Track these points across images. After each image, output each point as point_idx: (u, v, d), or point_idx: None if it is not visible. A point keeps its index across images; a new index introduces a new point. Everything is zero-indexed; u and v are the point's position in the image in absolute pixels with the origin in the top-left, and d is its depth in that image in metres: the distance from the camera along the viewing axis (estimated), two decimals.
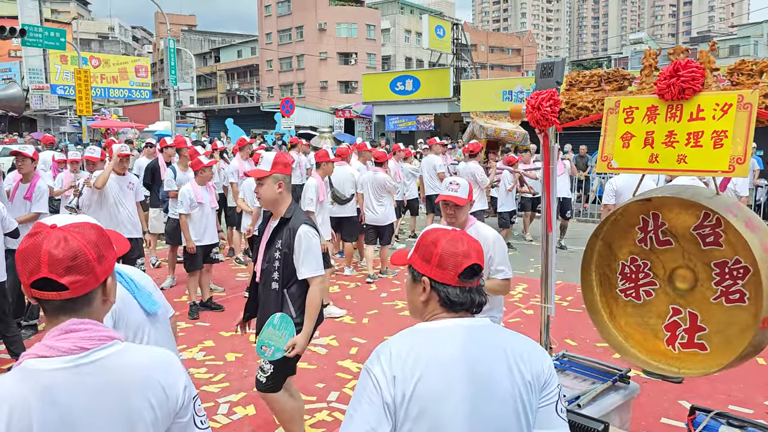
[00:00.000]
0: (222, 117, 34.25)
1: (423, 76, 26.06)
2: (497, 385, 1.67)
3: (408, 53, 59.01)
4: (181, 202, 6.92)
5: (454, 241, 1.82)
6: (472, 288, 1.81)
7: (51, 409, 1.39)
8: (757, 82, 2.72)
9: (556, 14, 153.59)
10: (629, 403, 3.46)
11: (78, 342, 1.45)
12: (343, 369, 5.48)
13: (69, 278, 1.45)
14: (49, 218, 1.55)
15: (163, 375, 1.54)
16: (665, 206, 3.05)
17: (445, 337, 1.74)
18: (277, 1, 57.59)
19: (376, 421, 1.64)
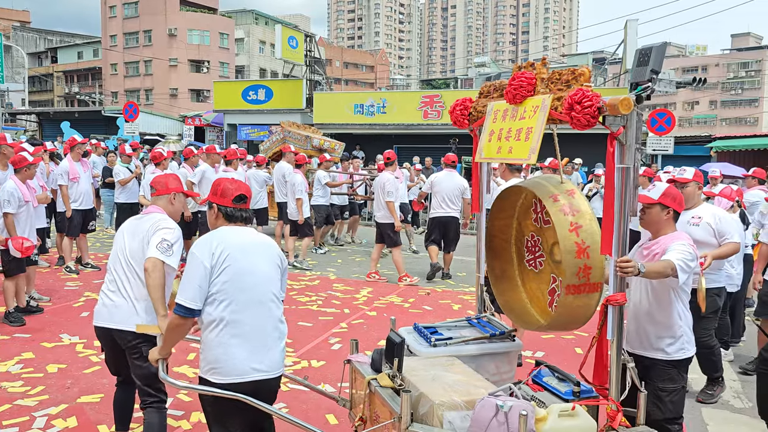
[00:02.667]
0: (58, 120, 31.70)
1: (276, 86, 25.87)
2: (264, 252, 3.12)
3: (262, 64, 58.44)
4: (7, 201, 6.33)
5: (230, 182, 3.21)
6: (241, 209, 3.15)
7: None
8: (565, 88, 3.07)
9: (408, 35, 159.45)
10: (510, 357, 3.69)
11: None
12: (179, 375, 5.23)
13: None
14: None
15: None
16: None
17: (232, 232, 3.10)
18: (124, 3, 54.66)
19: (202, 278, 2.91)
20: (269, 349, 3.01)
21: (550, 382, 3.16)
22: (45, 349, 5.78)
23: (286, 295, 3.34)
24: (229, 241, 3.00)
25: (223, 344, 2.92)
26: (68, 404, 4.60)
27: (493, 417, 2.64)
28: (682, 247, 3.31)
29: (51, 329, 6.36)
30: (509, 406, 2.65)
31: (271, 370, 3.00)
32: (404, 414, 2.74)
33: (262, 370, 2.97)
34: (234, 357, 2.92)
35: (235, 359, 2.92)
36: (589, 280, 3.07)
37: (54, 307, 7.23)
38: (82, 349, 5.80)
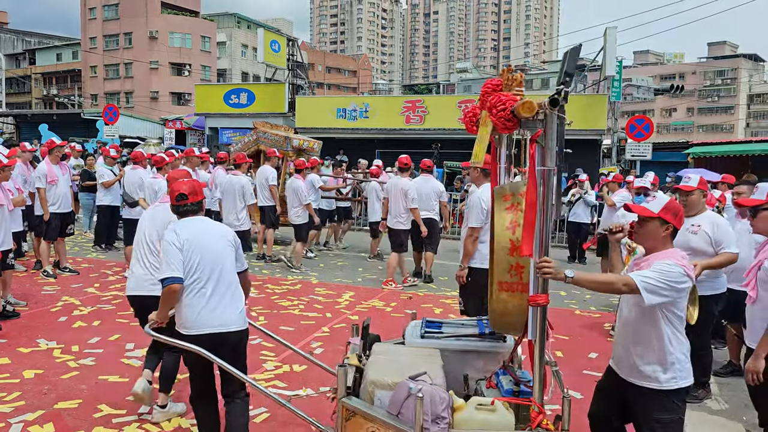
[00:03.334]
0: (36, 123, 31.30)
1: (258, 90, 25.77)
2: (218, 235, 3.85)
3: (244, 68, 58.21)
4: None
5: (178, 183, 3.91)
6: (186, 204, 3.83)
7: None
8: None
9: (390, 40, 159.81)
10: (499, 356, 3.64)
11: None
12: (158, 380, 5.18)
13: None
14: None
15: None
16: None
17: (192, 222, 3.83)
18: (104, 5, 54.15)
19: (178, 260, 3.62)
20: (226, 308, 3.71)
21: (503, 380, 3.27)
22: (21, 354, 5.69)
23: (267, 300, 3.49)
24: (187, 229, 3.75)
25: (189, 305, 3.68)
26: (45, 410, 4.53)
27: (406, 398, 2.92)
28: (661, 266, 3.05)
29: (27, 334, 6.26)
30: (418, 389, 2.89)
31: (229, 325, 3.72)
32: (339, 386, 3.18)
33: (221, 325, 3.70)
34: (197, 314, 3.68)
35: (198, 316, 3.68)
36: (521, 279, 3.08)
37: (31, 311, 7.13)
38: (59, 354, 5.72)
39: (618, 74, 19.78)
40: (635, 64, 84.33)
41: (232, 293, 3.77)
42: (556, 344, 6.56)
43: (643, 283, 2.99)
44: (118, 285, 8.52)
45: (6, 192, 6.61)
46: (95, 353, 5.78)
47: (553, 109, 2.77)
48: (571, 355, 6.24)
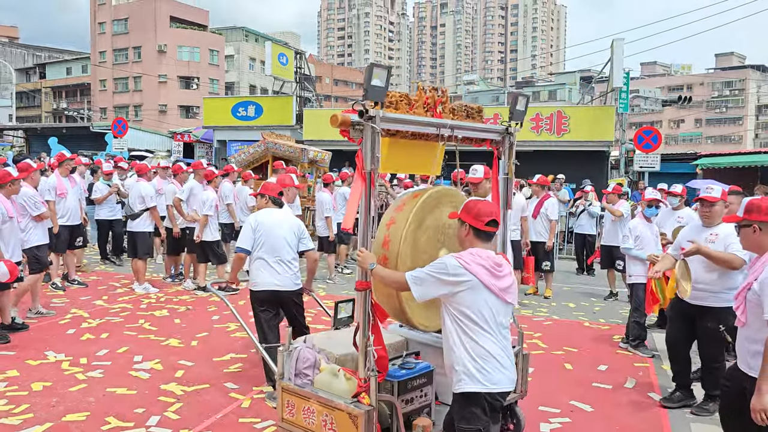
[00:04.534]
0: (45, 136, 31.56)
1: (266, 102, 25.89)
2: (285, 223, 5.21)
3: (252, 81, 58.52)
4: None
5: (277, 185, 5.46)
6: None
7: None
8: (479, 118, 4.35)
9: (397, 53, 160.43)
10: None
11: None
12: (167, 393, 5.18)
13: None
14: None
15: None
16: None
17: (270, 212, 5.22)
18: (113, 19, 54.66)
19: (250, 239, 5.12)
20: (279, 274, 5.14)
21: (395, 363, 3.86)
22: (30, 366, 5.70)
23: None
24: (264, 217, 5.18)
25: (256, 269, 5.16)
26: (53, 422, 4.53)
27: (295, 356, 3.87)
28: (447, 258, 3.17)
29: (36, 346, 6.27)
30: (295, 348, 3.89)
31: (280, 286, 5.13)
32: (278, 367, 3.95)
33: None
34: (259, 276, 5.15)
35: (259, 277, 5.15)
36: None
37: (39, 324, 7.15)
38: (68, 366, 5.73)
39: (625, 85, 19.74)
40: (642, 76, 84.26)
41: (286, 264, 5.12)
42: (566, 357, 6.51)
43: (411, 276, 3.16)
44: (126, 297, 8.55)
45: (16, 205, 6.65)
46: (103, 365, 5.79)
47: (366, 122, 3.32)
48: (580, 368, 6.19)
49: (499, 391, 3.12)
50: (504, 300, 3.17)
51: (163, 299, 8.64)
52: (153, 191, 9.19)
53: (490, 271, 3.13)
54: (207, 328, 7.20)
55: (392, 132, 3.66)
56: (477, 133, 4.19)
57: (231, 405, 4.99)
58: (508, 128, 4.28)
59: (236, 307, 5.28)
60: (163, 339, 6.68)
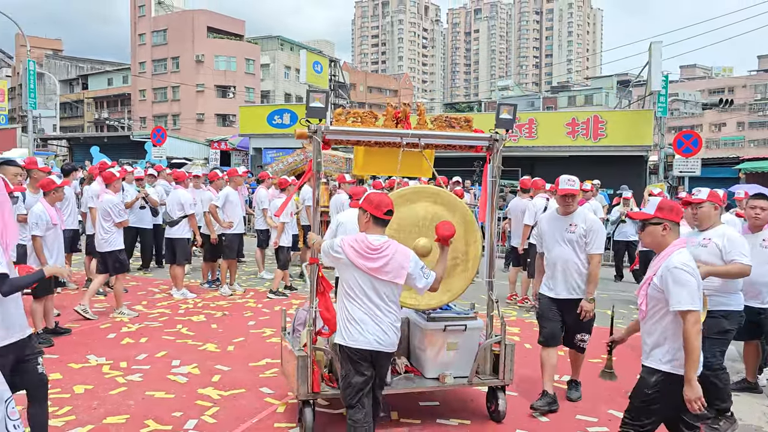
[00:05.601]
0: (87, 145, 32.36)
1: (300, 110, 26.09)
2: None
3: (287, 89, 59.19)
4: (36, 223, 6.53)
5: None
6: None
7: None
8: (458, 126, 4.96)
9: (431, 59, 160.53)
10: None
11: None
12: (204, 397, 5.25)
13: None
14: None
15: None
16: None
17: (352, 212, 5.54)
18: (153, 31, 55.93)
19: (333, 233, 5.85)
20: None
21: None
22: (72, 370, 5.84)
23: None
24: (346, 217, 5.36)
25: None
26: (94, 425, 4.63)
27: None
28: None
29: (78, 350, 6.43)
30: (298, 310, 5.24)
31: None
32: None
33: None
34: None
35: None
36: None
37: (81, 328, 7.32)
38: (108, 370, 5.85)
39: (664, 89, 19.38)
40: (682, 79, 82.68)
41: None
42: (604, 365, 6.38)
43: (323, 247, 3.99)
44: (165, 303, 8.69)
45: (59, 212, 6.85)
46: (142, 369, 5.90)
47: (312, 134, 4.46)
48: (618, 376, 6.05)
49: (355, 347, 3.82)
50: (374, 277, 3.80)
51: (200, 304, 8.77)
52: (191, 198, 9.35)
53: (359, 253, 3.80)
54: (243, 333, 7.28)
55: (363, 142, 4.88)
56: (451, 140, 4.94)
57: (266, 410, 5.03)
58: (492, 135, 4.86)
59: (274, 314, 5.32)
60: (201, 344, 6.78)
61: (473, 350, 4.81)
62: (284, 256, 9.51)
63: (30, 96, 22.14)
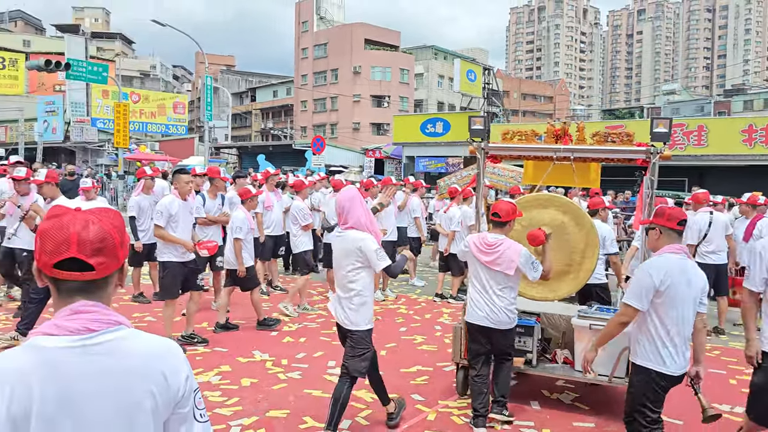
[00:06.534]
0: (254, 154, 34.83)
1: (453, 119, 26.28)
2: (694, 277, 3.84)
3: (440, 97, 59.71)
4: (239, 227, 7.31)
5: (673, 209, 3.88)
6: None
7: (53, 384, 1.40)
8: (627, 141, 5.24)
9: (589, 64, 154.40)
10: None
11: (86, 323, 1.46)
12: (357, 398, 5.41)
13: (96, 259, 1.47)
14: (69, 201, 1.60)
15: (165, 363, 1.53)
16: None
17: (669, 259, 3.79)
18: (314, 44, 58.97)
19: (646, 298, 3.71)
20: None
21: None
22: (240, 363, 6.29)
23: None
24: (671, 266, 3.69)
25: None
26: (259, 417, 4.94)
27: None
28: None
29: (245, 346, 6.90)
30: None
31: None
32: None
33: None
34: None
35: None
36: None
37: (248, 325, 7.86)
38: (271, 366, 6.23)
39: None
40: None
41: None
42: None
43: None
44: (322, 305, 9.07)
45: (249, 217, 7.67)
46: (301, 368, 6.21)
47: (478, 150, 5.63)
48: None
49: (470, 322, 4.87)
50: (489, 268, 4.73)
51: None
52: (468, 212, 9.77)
53: (478, 248, 4.77)
54: (395, 339, 7.43)
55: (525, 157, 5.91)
56: (606, 154, 5.40)
57: (417, 417, 5.08)
58: (649, 148, 5.10)
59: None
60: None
61: (616, 350, 4.70)
62: (457, 262, 9.58)
63: (207, 108, 24.21)
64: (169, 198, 6.73)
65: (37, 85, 48.94)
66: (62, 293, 1.50)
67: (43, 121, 39.21)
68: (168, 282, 6.62)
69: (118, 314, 1.53)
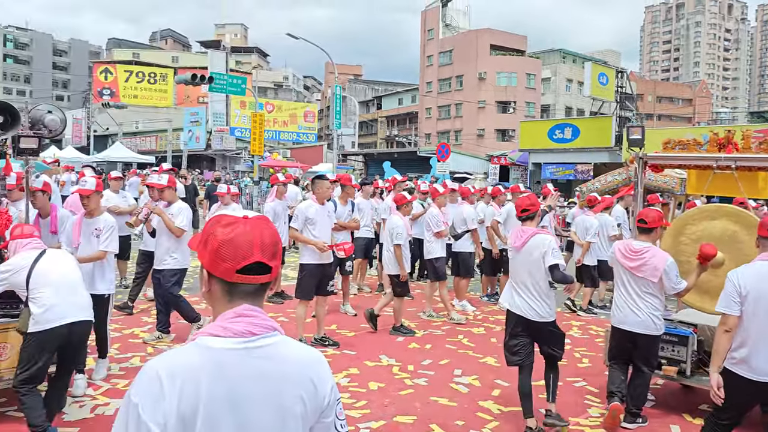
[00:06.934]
0: (380, 161, 35.54)
1: (583, 124, 25.40)
2: None
3: (568, 102, 57.90)
4: (399, 233, 7.61)
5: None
6: None
7: (220, 384, 1.46)
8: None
9: (735, 63, 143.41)
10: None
11: (248, 326, 1.52)
12: (484, 409, 5.36)
13: (274, 262, 1.57)
14: (233, 211, 1.71)
15: (314, 371, 1.59)
16: None
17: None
18: (440, 52, 59.22)
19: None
20: None
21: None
22: (367, 367, 6.42)
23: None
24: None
25: None
26: (386, 421, 5.02)
27: None
28: None
29: (373, 350, 7.03)
30: None
31: None
32: None
33: None
34: None
35: None
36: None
37: (377, 328, 7.99)
38: (397, 371, 6.31)
39: None
40: None
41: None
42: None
43: None
44: (445, 312, 9.04)
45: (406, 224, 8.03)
46: (428, 374, 6.24)
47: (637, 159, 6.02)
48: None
49: (616, 326, 5.12)
50: (632, 274, 4.91)
51: (480, 317, 8.98)
52: (475, 214, 9.60)
53: (623, 254, 4.99)
54: None
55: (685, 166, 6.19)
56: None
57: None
58: None
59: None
60: (481, 356, 6.94)
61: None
62: (590, 273, 9.33)
63: (336, 117, 25.05)
64: (307, 202, 7.07)
65: (183, 98, 52.98)
66: (234, 297, 1.56)
67: (188, 131, 42.30)
68: (305, 283, 6.91)
69: (272, 320, 1.60)
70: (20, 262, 4.29)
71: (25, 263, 4.27)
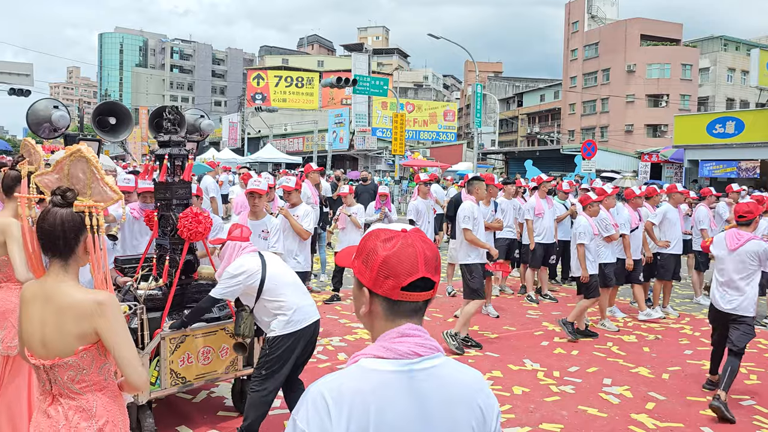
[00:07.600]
0: (521, 159, 34.81)
1: (748, 117, 23.24)
2: None
3: (730, 93, 53.28)
4: (583, 233, 7.54)
5: None
6: None
7: (387, 408, 1.39)
8: None
9: None
10: None
11: (413, 347, 1.44)
12: (637, 423, 5.06)
13: (437, 277, 1.48)
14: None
15: (482, 396, 1.51)
16: None
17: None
18: (585, 45, 56.88)
19: None
20: None
21: None
22: (511, 371, 6.30)
23: None
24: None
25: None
26: (531, 427, 4.90)
27: None
28: None
29: (516, 353, 6.90)
30: None
31: None
32: None
33: None
34: None
35: None
36: None
37: (517, 332, 7.85)
38: (542, 377, 6.13)
39: None
40: None
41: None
42: None
43: None
44: (593, 317, 8.66)
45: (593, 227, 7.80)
46: (574, 382, 6.01)
47: None
48: None
49: (714, 307, 5.73)
50: (733, 259, 5.47)
51: (630, 324, 8.51)
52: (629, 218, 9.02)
53: (726, 242, 5.54)
54: (679, 363, 6.79)
55: None
56: None
57: None
58: None
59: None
60: (632, 366, 6.57)
61: None
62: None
63: (476, 115, 24.85)
64: (470, 203, 7.12)
65: (328, 100, 55.14)
66: (398, 316, 1.49)
67: (332, 132, 43.89)
68: (477, 283, 7.05)
69: (434, 339, 1.51)
70: (252, 266, 4.22)
71: (257, 267, 4.23)
